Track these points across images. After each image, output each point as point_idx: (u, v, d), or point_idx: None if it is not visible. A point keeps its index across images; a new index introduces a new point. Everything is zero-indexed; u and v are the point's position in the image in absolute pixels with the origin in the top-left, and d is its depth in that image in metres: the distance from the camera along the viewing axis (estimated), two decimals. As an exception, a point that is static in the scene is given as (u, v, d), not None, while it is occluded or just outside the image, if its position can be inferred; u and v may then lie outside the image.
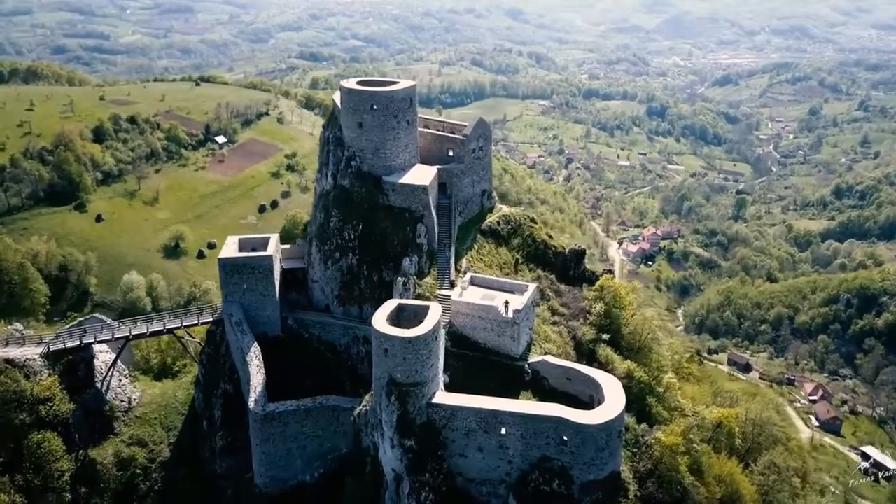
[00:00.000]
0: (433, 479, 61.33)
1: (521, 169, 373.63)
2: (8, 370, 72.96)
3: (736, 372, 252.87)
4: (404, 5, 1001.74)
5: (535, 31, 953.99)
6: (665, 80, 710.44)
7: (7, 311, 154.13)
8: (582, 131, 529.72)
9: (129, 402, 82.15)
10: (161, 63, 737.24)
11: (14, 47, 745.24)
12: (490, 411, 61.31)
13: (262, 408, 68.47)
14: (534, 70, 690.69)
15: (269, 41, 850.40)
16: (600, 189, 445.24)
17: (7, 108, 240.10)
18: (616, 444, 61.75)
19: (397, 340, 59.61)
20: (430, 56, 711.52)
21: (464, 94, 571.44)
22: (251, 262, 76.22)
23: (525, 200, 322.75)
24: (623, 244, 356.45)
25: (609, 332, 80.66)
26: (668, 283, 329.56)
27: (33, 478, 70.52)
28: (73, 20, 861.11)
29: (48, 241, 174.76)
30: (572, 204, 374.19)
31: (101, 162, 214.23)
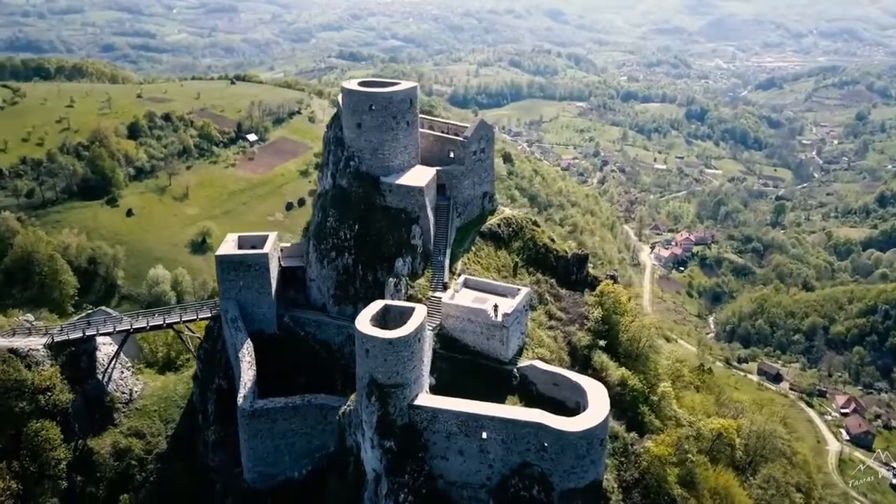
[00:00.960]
0: (413, 481, 61.29)
1: (553, 171, 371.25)
2: (10, 360, 75.30)
3: (765, 382, 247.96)
4: (444, 5, 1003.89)
5: (575, 33, 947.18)
6: (706, 83, 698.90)
7: (37, 301, 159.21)
8: (619, 134, 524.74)
9: (130, 394, 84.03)
10: (204, 61, 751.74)
11: (65, 45, 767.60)
12: (470, 415, 61.03)
13: (251, 404, 69.33)
14: (572, 71, 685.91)
15: (310, 41, 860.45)
16: (635, 192, 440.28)
17: (48, 104, 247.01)
18: (598, 453, 60.88)
19: (378, 341, 59.72)
20: (469, 56, 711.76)
21: (500, 94, 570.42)
22: (247, 260, 77.21)
23: (555, 202, 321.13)
24: (655, 249, 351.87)
25: (607, 339, 79.61)
26: (699, 289, 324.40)
27: (30, 465, 72.73)
28: (122, 19, 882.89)
29: (79, 234, 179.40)
30: (605, 207, 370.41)
31: (134, 158, 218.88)
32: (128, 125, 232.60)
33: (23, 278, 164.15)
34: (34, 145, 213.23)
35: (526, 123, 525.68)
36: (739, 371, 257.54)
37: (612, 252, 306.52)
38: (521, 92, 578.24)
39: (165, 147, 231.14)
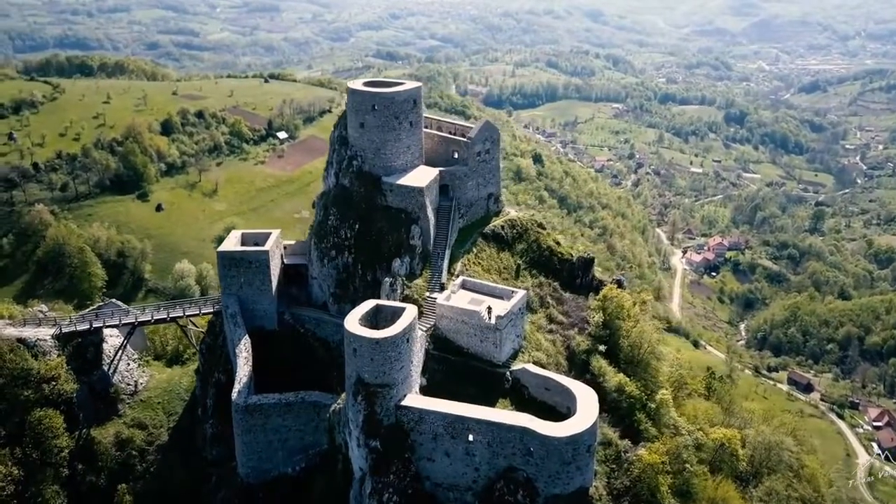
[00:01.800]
0: (398, 481, 61.39)
1: (584, 172, 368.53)
2: (17, 349, 77.43)
3: (795, 391, 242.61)
4: (483, 6, 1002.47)
5: (615, 34, 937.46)
6: (747, 86, 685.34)
7: (67, 292, 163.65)
8: (655, 136, 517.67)
9: (135, 385, 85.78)
10: (245, 60, 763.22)
11: (112, 42, 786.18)
12: (457, 417, 60.88)
13: (244, 399, 70.22)
14: (610, 73, 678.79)
15: (349, 40, 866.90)
16: (669, 196, 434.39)
17: (85, 100, 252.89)
18: (585, 459, 60.18)
19: (365, 340, 59.96)
20: (506, 57, 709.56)
21: (535, 95, 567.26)
22: (248, 257, 78.18)
23: (585, 204, 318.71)
24: (687, 253, 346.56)
25: (608, 344, 78.72)
26: (731, 295, 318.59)
27: (32, 452, 74.68)
28: (167, 17, 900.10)
29: (109, 227, 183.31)
30: (637, 210, 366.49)
31: (166, 154, 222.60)
32: (161, 122, 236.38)
33: (54, 270, 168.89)
34: (71, 140, 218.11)
35: (560, 124, 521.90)
36: (769, 380, 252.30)
37: (641, 256, 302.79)
38: (556, 93, 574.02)
39: (197, 143, 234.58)
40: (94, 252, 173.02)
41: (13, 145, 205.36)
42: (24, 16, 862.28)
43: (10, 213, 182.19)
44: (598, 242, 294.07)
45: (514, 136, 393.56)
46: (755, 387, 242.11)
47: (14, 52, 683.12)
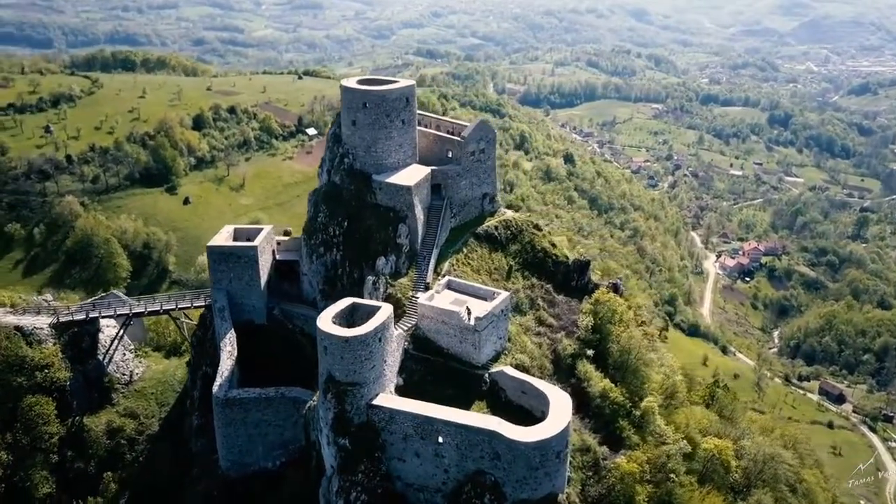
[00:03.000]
0: (367, 480, 61.26)
1: (617, 173, 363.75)
2: (13, 336, 79.55)
3: (827, 402, 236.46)
4: (526, 4, 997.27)
5: (658, 33, 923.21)
6: (794, 87, 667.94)
7: (93, 282, 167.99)
8: (694, 137, 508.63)
9: (130, 375, 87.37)
10: (287, 56, 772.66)
11: (160, 38, 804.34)
12: (426, 418, 60.46)
13: (225, 393, 70.90)
14: (651, 72, 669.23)
15: (390, 37, 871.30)
16: (707, 198, 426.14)
17: (122, 94, 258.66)
18: (554, 465, 59.12)
19: (335, 339, 59.95)
20: (546, 56, 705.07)
21: (574, 94, 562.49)
22: (237, 252, 78.96)
23: (617, 206, 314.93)
24: (721, 257, 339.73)
25: (597, 349, 77.38)
26: (765, 302, 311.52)
27: (22, 437, 76.64)
28: (214, 14, 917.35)
29: (136, 219, 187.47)
30: (671, 212, 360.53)
31: (196, 148, 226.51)
32: (193, 116, 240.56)
33: (82, 259, 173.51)
34: (105, 133, 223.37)
35: (598, 124, 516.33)
36: (799, 389, 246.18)
37: (672, 259, 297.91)
38: (595, 92, 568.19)
39: (227, 138, 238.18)
40: (120, 243, 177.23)
41: (49, 138, 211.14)
42: (77, 12, 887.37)
43: (42, 203, 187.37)
44: (627, 244, 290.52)
45: (549, 136, 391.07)
46: (784, 396, 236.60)
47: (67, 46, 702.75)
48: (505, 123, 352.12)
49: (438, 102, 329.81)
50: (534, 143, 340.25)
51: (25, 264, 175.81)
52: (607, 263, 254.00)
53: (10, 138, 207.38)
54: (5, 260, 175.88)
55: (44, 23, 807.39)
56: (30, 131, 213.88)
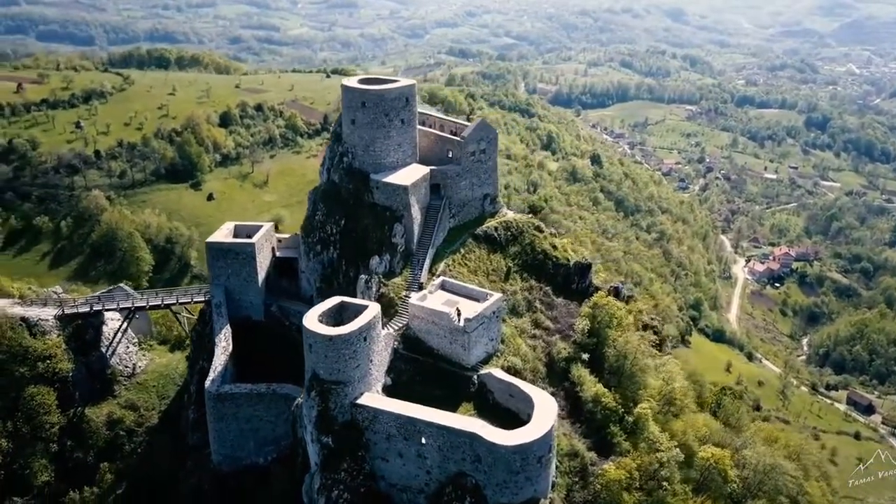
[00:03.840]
0: (350, 479, 61.39)
1: (646, 175, 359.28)
2: (17, 327, 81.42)
3: (854, 412, 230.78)
4: (560, 4, 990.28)
5: (695, 34, 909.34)
6: (834, 90, 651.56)
7: (117, 275, 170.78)
8: (728, 140, 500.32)
9: (133, 368, 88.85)
10: (322, 55, 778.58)
11: (197, 36, 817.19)
12: (409, 418, 60.37)
13: (217, 388, 71.66)
14: (686, 73, 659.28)
15: (424, 37, 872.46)
16: (739, 202, 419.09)
17: (153, 91, 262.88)
18: (535, 470, 58.52)
19: (320, 337, 60.19)
20: (579, 56, 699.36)
21: (606, 95, 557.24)
22: (235, 248, 79.76)
23: (644, 208, 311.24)
24: (750, 262, 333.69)
25: (593, 353, 76.49)
26: (794, 308, 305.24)
27: (23, 426, 78.43)
28: (250, 13, 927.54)
29: (160, 214, 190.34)
30: (700, 216, 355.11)
31: (222, 145, 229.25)
32: (220, 114, 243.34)
33: (106, 253, 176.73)
34: (134, 129, 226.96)
35: (630, 125, 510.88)
36: (826, 398, 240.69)
37: (698, 263, 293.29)
38: (627, 93, 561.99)
39: (253, 136, 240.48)
40: (144, 237, 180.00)
41: (79, 133, 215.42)
42: (118, 10, 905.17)
43: (69, 197, 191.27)
44: (653, 247, 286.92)
45: (579, 137, 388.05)
46: (810, 405, 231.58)
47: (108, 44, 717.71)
48: (532, 123, 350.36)
49: (465, 102, 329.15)
50: (561, 143, 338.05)
51: (52, 256, 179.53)
52: (631, 266, 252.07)
53: (41, 133, 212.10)
54: (33, 252, 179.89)
55: (86, 21, 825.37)
56: (61, 127, 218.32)
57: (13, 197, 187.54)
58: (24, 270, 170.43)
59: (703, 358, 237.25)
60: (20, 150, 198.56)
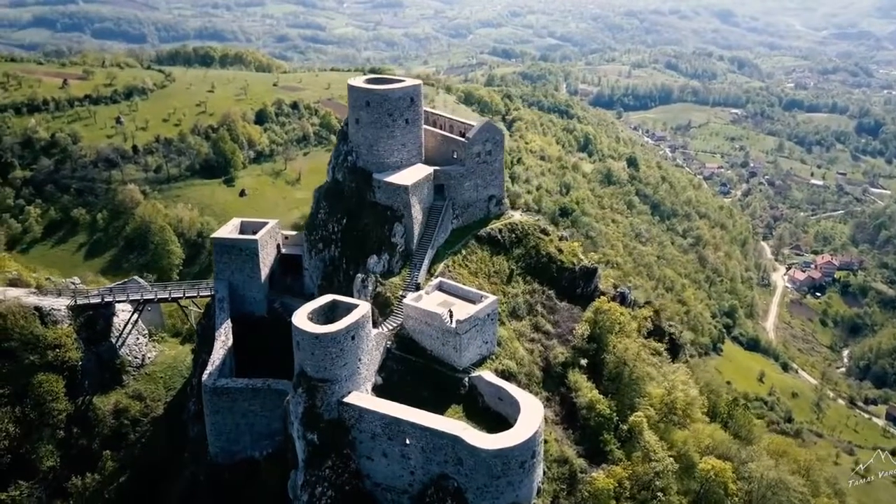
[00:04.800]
0: (335, 477, 61.63)
1: (684, 179, 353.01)
2: (29, 315, 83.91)
3: (893, 427, 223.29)
4: (606, 4, 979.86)
5: (744, 35, 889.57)
6: (889, 94, 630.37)
7: (148, 267, 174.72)
8: (774, 144, 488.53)
9: (142, 359, 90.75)
10: (365, 54, 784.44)
11: (245, 35, 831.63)
12: (393, 418, 60.37)
13: (213, 381, 72.67)
14: (733, 76, 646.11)
15: (467, 37, 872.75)
16: (783, 208, 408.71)
17: (192, 89, 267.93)
18: (517, 475, 57.95)
19: (306, 335, 60.57)
20: (623, 57, 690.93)
21: (648, 97, 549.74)
22: (239, 244, 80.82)
23: (680, 212, 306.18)
24: (791, 270, 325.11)
25: (593, 358, 75.47)
26: (835, 319, 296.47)
27: (31, 412, 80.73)
28: (297, 12, 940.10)
29: (192, 209, 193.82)
30: (740, 221, 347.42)
31: (256, 142, 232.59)
32: (257, 111, 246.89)
33: (139, 245, 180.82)
34: (172, 126, 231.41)
35: (672, 128, 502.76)
36: (864, 412, 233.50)
37: (735, 269, 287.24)
38: (670, 95, 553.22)
39: (287, 133, 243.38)
40: (176, 231, 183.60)
41: (119, 128, 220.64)
42: (170, 8, 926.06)
43: (106, 190, 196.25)
44: (688, 252, 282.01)
45: (618, 139, 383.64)
46: (846, 418, 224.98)
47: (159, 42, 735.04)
48: (570, 125, 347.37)
49: (502, 102, 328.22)
50: (598, 145, 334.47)
51: (88, 248, 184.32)
52: (663, 271, 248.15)
53: (83, 128, 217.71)
54: (70, 243, 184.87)
55: (139, 18, 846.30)
56: (102, 122, 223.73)
57: (53, 189, 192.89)
58: (62, 261, 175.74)
59: (735, 367, 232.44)
60: (62, 144, 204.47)
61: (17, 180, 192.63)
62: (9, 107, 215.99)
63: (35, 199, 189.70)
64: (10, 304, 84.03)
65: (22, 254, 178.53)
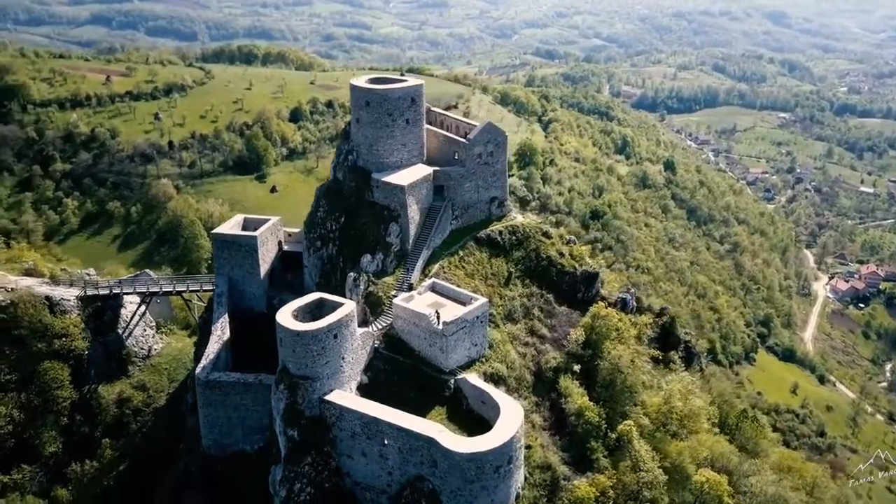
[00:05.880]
0: (315, 474, 61.99)
1: (724, 184, 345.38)
2: (38, 304, 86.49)
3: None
4: (654, 5, 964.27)
5: (797, 38, 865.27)
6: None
7: (179, 260, 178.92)
8: (823, 150, 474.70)
9: (148, 350, 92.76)
10: (410, 53, 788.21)
11: (292, 34, 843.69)
12: (372, 418, 60.44)
13: (206, 374, 73.80)
14: (783, 79, 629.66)
15: (512, 37, 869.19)
16: (829, 216, 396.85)
17: (230, 86, 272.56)
18: (492, 480, 57.33)
19: (288, 332, 61.08)
20: (669, 59, 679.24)
21: (693, 100, 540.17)
22: (238, 240, 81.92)
23: (718, 218, 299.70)
24: (834, 279, 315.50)
25: (587, 365, 74.34)
26: (879, 331, 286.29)
27: (35, 399, 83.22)
28: (344, 11, 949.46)
29: (222, 204, 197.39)
30: (782, 228, 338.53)
31: (290, 139, 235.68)
32: (292, 109, 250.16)
33: (171, 239, 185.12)
34: (209, 122, 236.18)
35: (716, 131, 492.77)
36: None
37: (773, 277, 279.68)
38: (716, 98, 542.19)
39: (321, 131, 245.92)
40: (206, 226, 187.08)
41: (157, 124, 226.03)
42: (220, 7, 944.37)
43: (141, 184, 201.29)
44: (724, 259, 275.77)
45: (658, 142, 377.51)
46: (884, 434, 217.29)
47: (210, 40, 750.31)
48: (607, 127, 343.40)
49: (539, 103, 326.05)
50: (636, 147, 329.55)
51: (122, 240, 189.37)
52: (696, 277, 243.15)
53: (122, 123, 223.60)
54: (104, 235, 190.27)
55: (191, 17, 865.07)
56: (141, 117, 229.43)
57: (91, 182, 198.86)
58: (96, 252, 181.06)
59: (767, 377, 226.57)
60: (101, 139, 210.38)
61: (57, 173, 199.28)
62: (53, 102, 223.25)
63: (73, 191, 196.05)
64: (21, 292, 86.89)
65: (58, 245, 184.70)
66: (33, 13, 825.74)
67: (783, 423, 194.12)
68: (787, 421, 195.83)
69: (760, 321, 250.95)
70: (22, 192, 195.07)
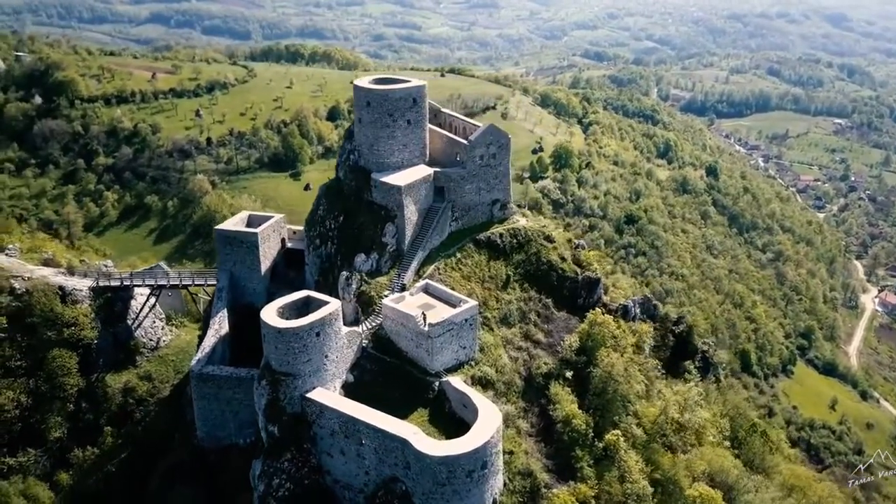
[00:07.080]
0: (295, 470, 62.51)
1: (770, 190, 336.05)
2: (51, 294, 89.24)
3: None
4: (709, 7, 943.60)
5: (858, 41, 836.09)
6: None
7: (211, 255, 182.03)
8: (880, 157, 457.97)
9: (157, 342, 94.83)
10: (459, 54, 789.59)
11: (343, 33, 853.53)
12: (350, 417, 60.63)
13: (200, 368, 75.06)
14: (841, 84, 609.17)
15: (561, 38, 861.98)
16: (883, 226, 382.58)
17: (272, 84, 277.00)
18: (464, 484, 56.79)
19: (270, 328, 61.64)
20: (722, 62, 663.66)
21: (744, 104, 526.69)
22: (240, 237, 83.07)
23: (761, 225, 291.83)
24: (883, 292, 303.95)
25: (581, 371, 73.16)
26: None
27: (43, 385, 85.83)
28: (395, 11, 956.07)
29: (255, 200, 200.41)
30: (830, 238, 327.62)
31: (326, 138, 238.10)
32: (329, 108, 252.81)
33: (205, 233, 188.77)
34: (248, 120, 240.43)
35: (767, 137, 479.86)
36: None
37: (818, 288, 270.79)
38: (768, 103, 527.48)
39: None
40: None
41: (197, 121, 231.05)
42: (274, 7, 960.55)
43: (178, 179, 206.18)
44: (766, 268, 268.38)
45: (705, 147, 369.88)
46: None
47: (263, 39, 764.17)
48: (650, 130, 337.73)
49: (580, 105, 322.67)
50: (679, 152, 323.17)
51: (158, 233, 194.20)
52: (733, 286, 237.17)
53: (164, 119, 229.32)
54: (141, 228, 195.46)
55: (245, 16, 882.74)
56: (183, 114, 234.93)
57: (131, 177, 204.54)
58: (133, 244, 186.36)
59: (805, 391, 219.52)
60: (143, 134, 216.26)
61: (99, 167, 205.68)
62: (99, 98, 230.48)
63: (114, 184, 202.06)
64: (35, 282, 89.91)
65: (97, 236, 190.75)
66: (96, 11, 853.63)
67: (818, 439, 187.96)
68: (822, 437, 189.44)
69: (801, 333, 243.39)
70: (66, 184, 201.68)
